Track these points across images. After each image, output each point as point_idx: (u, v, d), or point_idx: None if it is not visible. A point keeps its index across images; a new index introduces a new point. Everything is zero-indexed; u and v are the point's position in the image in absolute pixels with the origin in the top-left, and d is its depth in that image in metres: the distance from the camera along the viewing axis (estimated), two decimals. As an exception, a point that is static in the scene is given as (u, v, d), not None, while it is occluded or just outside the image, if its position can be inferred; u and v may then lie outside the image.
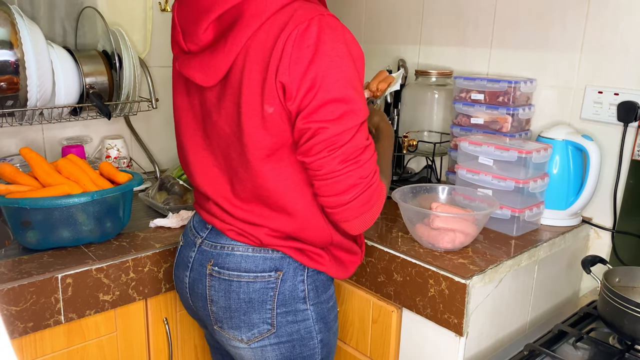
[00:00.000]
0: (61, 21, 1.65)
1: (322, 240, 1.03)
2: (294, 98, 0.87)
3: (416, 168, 1.83)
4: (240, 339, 1.04)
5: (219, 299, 1.03)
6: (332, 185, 0.91)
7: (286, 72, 0.86)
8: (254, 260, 1.01)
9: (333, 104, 0.87)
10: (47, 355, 1.17)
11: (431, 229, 1.22)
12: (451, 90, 1.67)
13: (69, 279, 1.14)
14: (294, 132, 0.91)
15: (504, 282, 1.21)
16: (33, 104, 1.42)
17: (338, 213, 0.94)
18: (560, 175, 1.39)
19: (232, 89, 0.93)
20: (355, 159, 0.90)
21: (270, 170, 0.95)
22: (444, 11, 1.75)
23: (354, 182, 0.91)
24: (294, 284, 1.03)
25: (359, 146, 0.90)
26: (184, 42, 0.98)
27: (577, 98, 1.47)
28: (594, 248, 1.48)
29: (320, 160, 0.90)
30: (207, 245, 1.05)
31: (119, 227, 1.33)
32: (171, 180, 1.57)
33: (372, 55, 2.00)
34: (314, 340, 1.06)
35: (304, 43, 0.85)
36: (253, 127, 0.92)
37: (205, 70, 0.95)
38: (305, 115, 0.88)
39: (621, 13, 1.36)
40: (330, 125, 0.87)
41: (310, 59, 0.85)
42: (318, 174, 0.92)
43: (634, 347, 1.12)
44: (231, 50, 0.90)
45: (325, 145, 0.89)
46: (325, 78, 0.86)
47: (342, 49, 0.87)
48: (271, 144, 0.92)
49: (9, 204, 1.18)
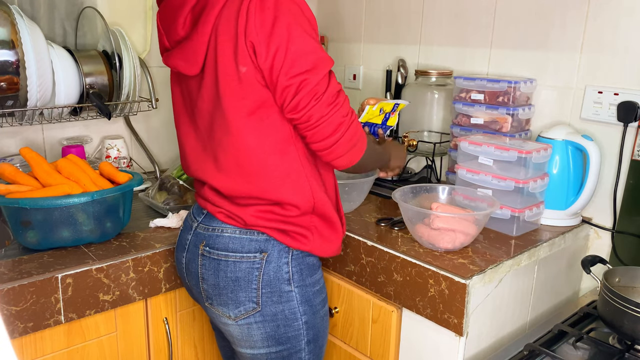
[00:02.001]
0: (61, 21, 1.65)
1: (304, 200, 1.08)
2: (265, 56, 0.96)
3: (416, 168, 1.83)
4: (228, 316, 1.12)
5: (209, 277, 1.11)
6: (324, 129, 1.01)
7: (253, 32, 0.95)
8: (240, 242, 1.09)
9: (304, 56, 0.97)
10: (47, 355, 1.17)
11: (431, 229, 1.22)
12: (451, 90, 1.67)
13: (69, 279, 1.14)
14: (276, 94, 1.00)
15: (504, 282, 1.21)
16: (33, 104, 1.42)
17: (330, 152, 1.05)
18: (560, 175, 1.39)
19: (209, 68, 1.02)
20: (335, 102, 1.01)
21: (253, 130, 1.03)
22: (444, 11, 1.75)
23: (339, 121, 1.02)
24: (278, 265, 1.09)
25: (335, 90, 1.01)
26: (167, 40, 1.10)
27: (577, 98, 1.47)
28: (594, 248, 1.48)
29: (310, 110, 0.99)
30: (202, 229, 1.13)
31: (119, 227, 1.33)
32: (171, 180, 1.57)
33: (372, 55, 2.01)
34: (299, 321, 1.12)
35: (265, 6, 0.95)
36: (231, 89, 1.00)
37: (186, 57, 1.04)
38: (285, 72, 0.97)
39: (621, 13, 1.36)
40: (309, 76, 0.97)
41: (272, 19, 0.95)
42: (309, 124, 1.01)
43: (633, 347, 1.12)
44: (203, 31, 1.00)
45: (311, 95, 0.98)
46: (290, 34, 0.96)
47: (296, 9, 0.98)
48: (250, 103, 1.01)
49: (9, 204, 1.18)
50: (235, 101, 1.01)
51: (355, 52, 2.06)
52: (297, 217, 1.09)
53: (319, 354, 1.20)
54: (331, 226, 1.15)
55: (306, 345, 1.15)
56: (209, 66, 1.02)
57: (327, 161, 1.07)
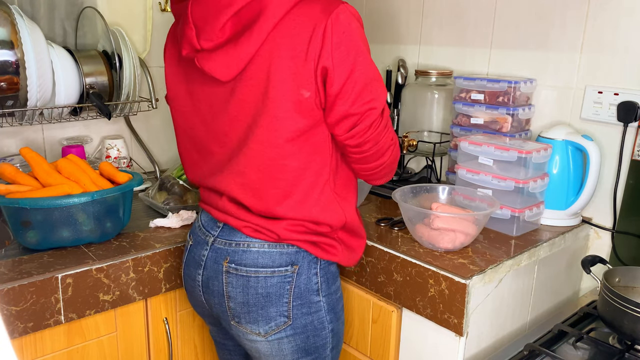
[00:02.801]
0: (61, 21, 1.65)
1: (336, 218, 1.06)
2: (337, 82, 0.94)
3: (416, 168, 1.83)
4: (257, 333, 1.07)
5: (236, 295, 1.06)
6: (374, 155, 1.02)
7: (329, 57, 0.92)
8: (270, 256, 1.04)
9: (370, 84, 0.97)
10: (47, 355, 1.17)
11: (431, 229, 1.22)
12: (451, 90, 1.67)
13: (69, 279, 1.14)
14: (331, 116, 0.97)
15: (504, 282, 1.21)
16: (33, 104, 1.42)
17: (373, 175, 1.07)
18: (560, 175, 1.39)
19: (254, 79, 0.97)
20: (387, 125, 1.02)
21: (297, 151, 1.00)
22: (444, 11, 1.75)
23: (388, 145, 1.03)
24: (308, 277, 1.07)
25: (387, 114, 1.02)
26: (197, 40, 0.99)
27: (577, 98, 1.47)
28: (594, 248, 1.48)
29: (366, 137, 0.99)
30: (221, 243, 1.07)
31: (119, 227, 1.33)
32: (171, 180, 1.57)
33: (372, 55, 2.00)
34: (326, 330, 1.11)
35: (339, 29, 0.93)
36: (284, 112, 0.96)
37: (227, 63, 0.98)
38: (353, 100, 0.95)
39: (621, 13, 1.36)
40: (376, 105, 0.98)
41: (347, 44, 0.93)
42: (361, 149, 1.01)
43: (633, 347, 1.12)
44: (256, 41, 0.95)
45: (371, 124, 0.98)
46: (357, 59, 0.95)
47: (361, 30, 0.97)
48: (303, 126, 0.98)
49: (9, 204, 1.18)
50: (287, 125, 0.96)
51: (355, 52, 2.06)
52: (328, 232, 1.08)
53: (337, 358, 1.20)
54: (356, 237, 1.15)
55: (330, 352, 1.14)
56: (254, 77, 0.97)
57: (365, 180, 1.09)
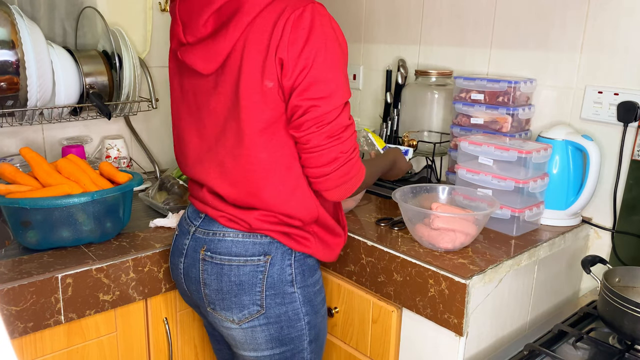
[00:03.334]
0: (61, 21, 1.65)
1: (308, 214, 1.09)
2: (289, 74, 0.97)
3: (416, 168, 1.83)
4: (231, 320, 1.11)
5: (211, 282, 1.10)
6: (317, 158, 1.02)
7: (285, 50, 0.96)
8: (243, 245, 1.08)
9: (322, 83, 0.98)
10: (47, 355, 1.17)
11: (431, 229, 1.22)
12: (451, 90, 1.67)
13: (69, 279, 1.14)
14: (287, 108, 1.01)
15: (504, 282, 1.21)
16: (33, 104, 1.42)
17: (320, 182, 1.05)
18: (560, 175, 1.39)
19: (229, 73, 1.02)
20: (338, 135, 1.01)
21: (265, 143, 1.03)
22: (444, 11, 1.75)
23: (335, 156, 1.02)
24: (281, 268, 1.09)
25: (342, 124, 1.01)
26: (183, 35, 1.07)
27: (577, 98, 1.47)
28: (594, 248, 1.48)
29: (309, 135, 1.00)
30: (200, 233, 1.12)
31: (119, 227, 1.33)
32: (171, 180, 1.57)
33: (372, 55, 2.01)
34: (302, 322, 1.13)
35: (300, 25, 0.96)
36: (253, 102, 1.00)
37: (206, 57, 1.03)
38: (299, 92, 0.98)
39: (621, 13, 1.36)
40: (321, 104, 0.98)
41: (305, 40, 0.96)
42: (305, 147, 1.02)
43: (633, 347, 1.12)
44: (232, 36, 0.99)
45: (315, 122, 0.99)
46: (316, 58, 0.97)
47: (331, 34, 0.99)
48: (268, 117, 1.01)
49: (9, 204, 1.18)
50: (255, 115, 1.01)
51: (356, 52, 2.06)
52: (301, 225, 1.10)
53: (319, 353, 1.21)
54: (332, 233, 1.17)
55: (308, 345, 1.15)
56: (230, 71, 1.01)
57: (316, 189, 1.08)
